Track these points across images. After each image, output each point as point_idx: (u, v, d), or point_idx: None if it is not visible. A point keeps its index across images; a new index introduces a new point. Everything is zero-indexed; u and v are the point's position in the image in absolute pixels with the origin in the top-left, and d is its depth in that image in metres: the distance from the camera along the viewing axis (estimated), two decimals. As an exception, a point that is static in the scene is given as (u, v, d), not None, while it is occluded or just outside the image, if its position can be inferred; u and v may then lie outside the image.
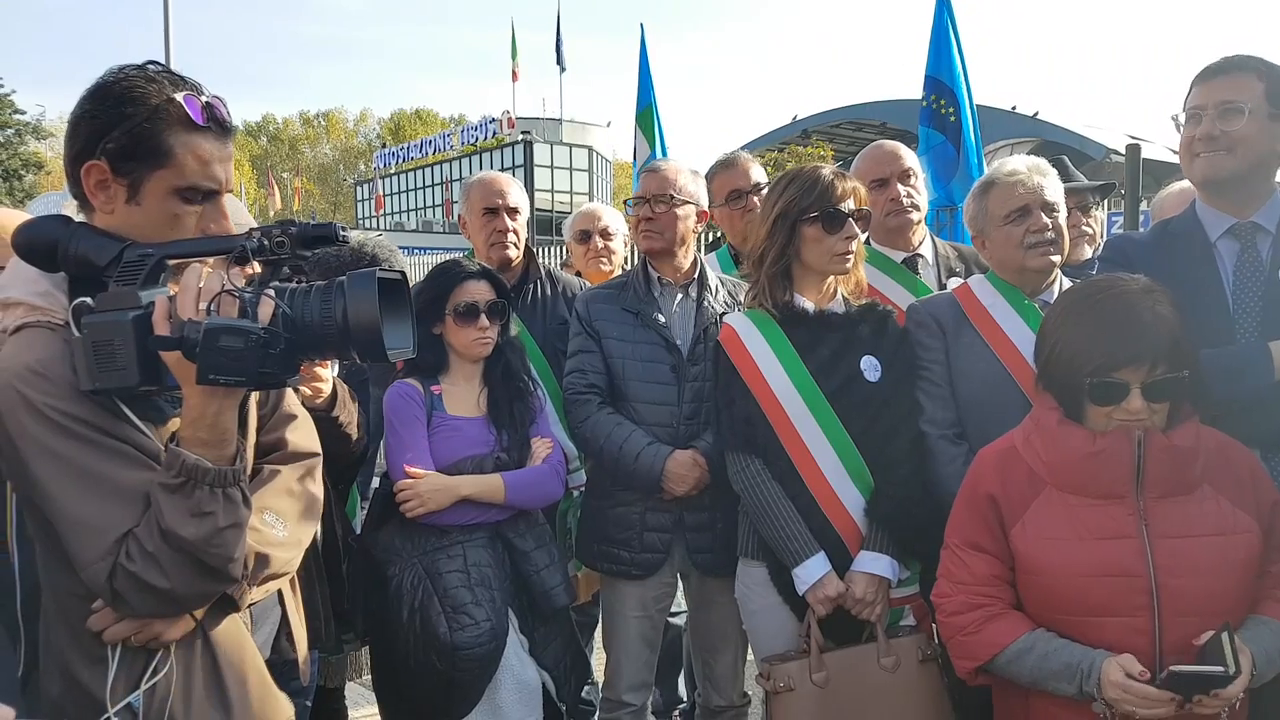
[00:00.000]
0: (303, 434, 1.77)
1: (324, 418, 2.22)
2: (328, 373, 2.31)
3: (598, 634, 3.18)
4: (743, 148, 4.19)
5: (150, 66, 1.51)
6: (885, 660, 2.34)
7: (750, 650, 2.78)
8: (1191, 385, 1.86)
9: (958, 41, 4.96)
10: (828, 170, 2.52)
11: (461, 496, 2.53)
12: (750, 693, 2.95)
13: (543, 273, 3.35)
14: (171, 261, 1.45)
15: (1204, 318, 2.06)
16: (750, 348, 2.50)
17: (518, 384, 2.76)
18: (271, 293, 1.35)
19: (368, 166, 67.47)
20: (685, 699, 3.77)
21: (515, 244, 3.25)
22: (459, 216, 3.43)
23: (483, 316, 2.67)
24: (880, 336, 2.52)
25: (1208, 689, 1.71)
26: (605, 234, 3.89)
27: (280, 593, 1.88)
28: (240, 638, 1.62)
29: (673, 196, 2.89)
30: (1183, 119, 2.32)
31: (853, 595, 2.36)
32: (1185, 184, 2.75)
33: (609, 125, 54.28)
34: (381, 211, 54.60)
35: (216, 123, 1.51)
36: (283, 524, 1.65)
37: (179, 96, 1.47)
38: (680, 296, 2.90)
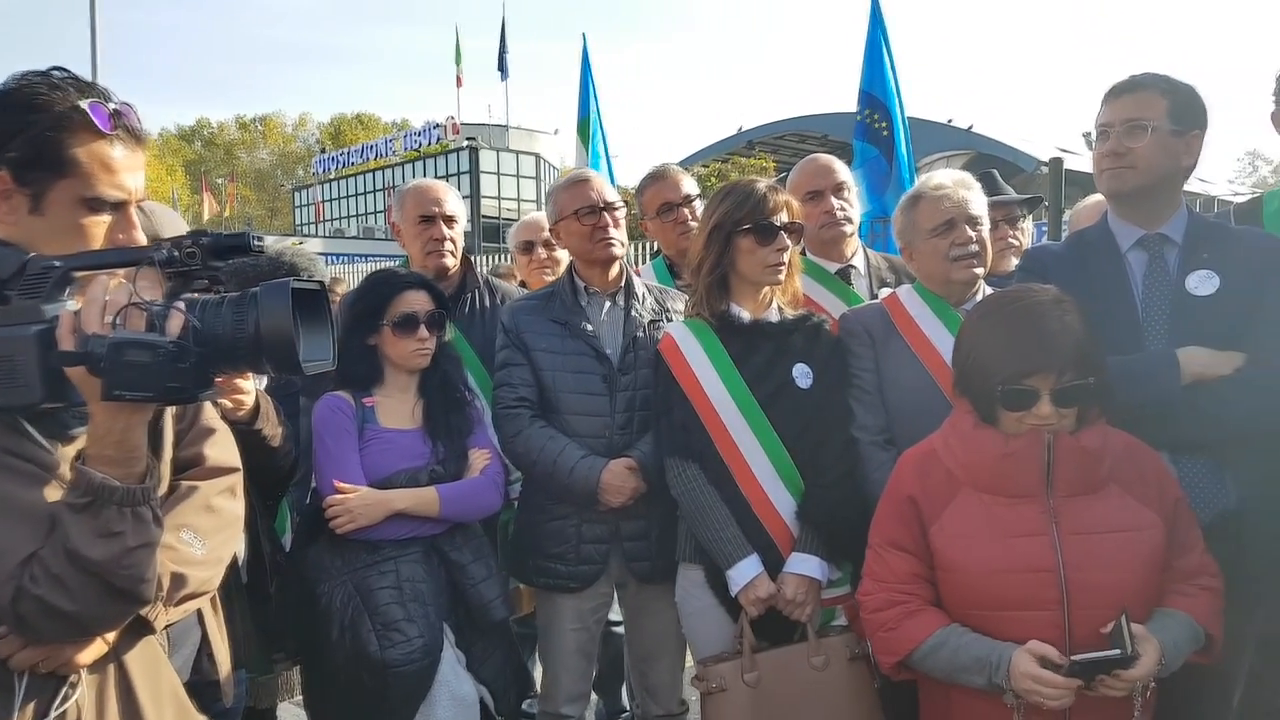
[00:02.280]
0: (222, 448, 1.73)
1: (246, 431, 2.18)
2: (249, 385, 2.27)
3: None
4: (689, 158, 4.25)
5: (55, 73, 1.46)
6: (816, 659, 2.39)
7: (688, 657, 2.80)
8: (1098, 391, 1.94)
9: (890, 57, 5.08)
10: (762, 184, 2.58)
11: (394, 511, 2.50)
12: (688, 700, 2.97)
13: (481, 281, 3.33)
14: (77, 274, 1.41)
15: (1115, 326, 2.15)
16: (688, 356, 2.55)
17: (454, 395, 2.74)
18: (181, 305, 1.32)
19: (307, 172, 66.42)
20: (628, 708, 3.77)
21: (452, 252, 3.23)
22: (393, 224, 3.39)
23: (422, 327, 2.65)
24: (813, 345, 2.59)
25: (1108, 672, 1.79)
26: (548, 244, 3.85)
27: (200, 612, 1.83)
28: (156, 661, 1.58)
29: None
30: (1094, 135, 2.40)
31: (784, 596, 2.41)
32: (1100, 197, 2.84)
33: (556, 132, 54.21)
34: (321, 218, 53.77)
35: (125, 130, 1.47)
36: (201, 542, 1.61)
37: (84, 104, 1.43)
38: (608, 305, 2.89)
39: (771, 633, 2.44)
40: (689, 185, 3.50)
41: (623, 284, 2.92)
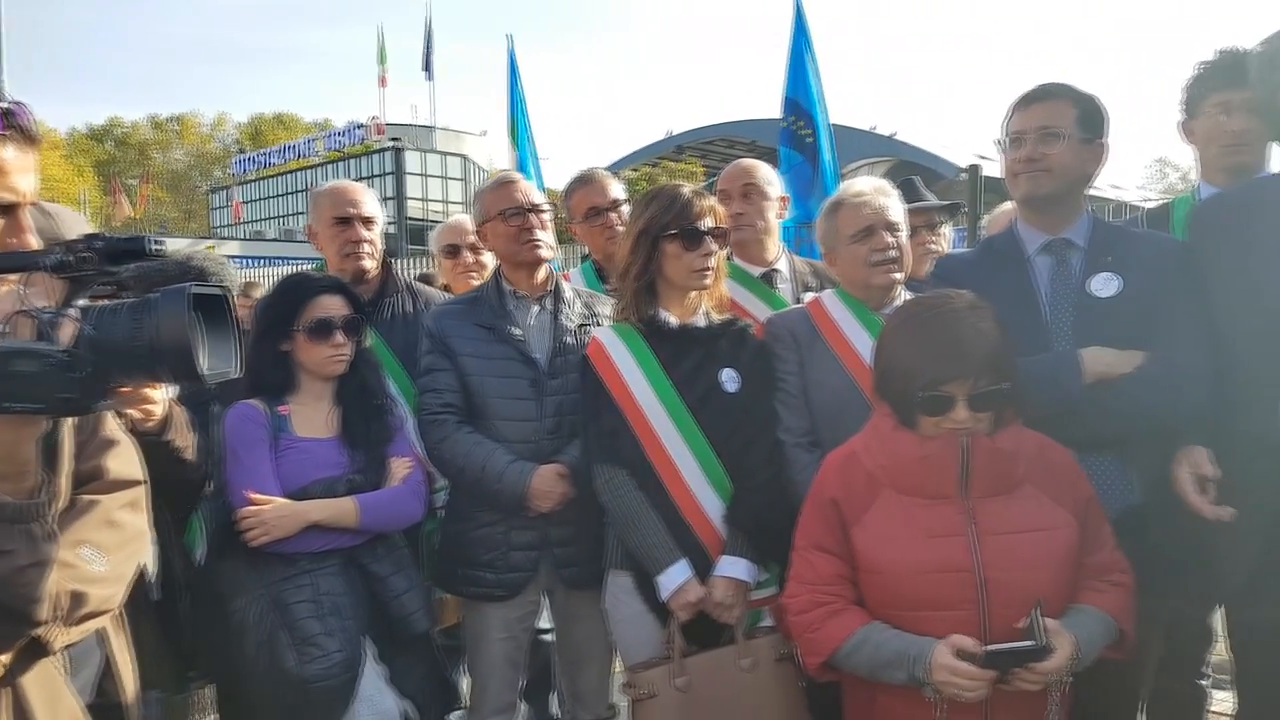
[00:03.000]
0: (123, 460, 1.65)
1: (156, 442, 2.09)
2: (159, 394, 2.18)
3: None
4: (618, 161, 4.25)
5: None
6: (743, 661, 2.40)
7: (617, 663, 2.79)
8: (1012, 394, 1.99)
9: (814, 65, 5.15)
10: (687, 189, 2.59)
11: (310, 522, 2.43)
12: (616, 704, 2.95)
13: (402, 285, 3.26)
14: (-38, 281, 1.33)
15: (1022, 328, 2.20)
16: (616, 361, 2.54)
17: (373, 402, 2.68)
18: (74, 312, 1.25)
19: (224, 173, 64.62)
20: (557, 717, 3.73)
21: (371, 255, 3.16)
22: (307, 227, 3.30)
23: (337, 333, 2.58)
24: (739, 349, 2.60)
25: (1024, 663, 1.84)
26: (475, 248, 3.78)
27: (103, 632, 1.74)
28: (54, 683, 1.50)
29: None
30: (1006, 142, 2.47)
31: (713, 599, 2.41)
32: (1010, 204, 2.93)
33: (484, 134, 53.76)
34: (239, 220, 52.35)
35: (17, 130, 1.40)
36: (102, 558, 1.53)
37: None
38: (536, 309, 2.86)
39: (699, 636, 2.45)
40: (616, 190, 3.49)
41: (550, 288, 2.89)
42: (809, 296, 2.88)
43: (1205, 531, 2.31)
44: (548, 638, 3.45)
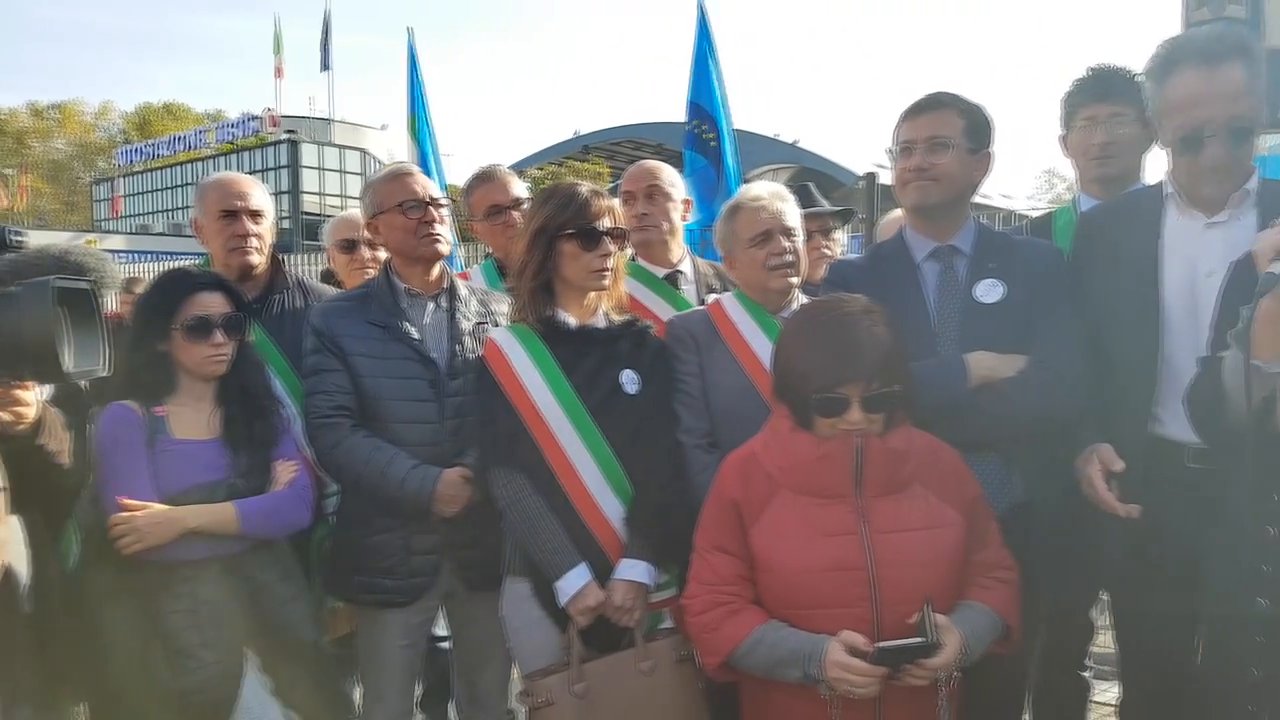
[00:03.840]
0: None
1: (27, 446, 1.96)
2: (31, 395, 2.04)
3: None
4: (524, 160, 4.20)
5: None
6: (643, 664, 2.38)
7: (515, 670, 2.74)
8: (904, 395, 2.04)
9: (717, 69, 5.20)
10: (585, 188, 2.56)
11: (187, 529, 2.31)
12: (514, 711, 2.91)
13: (291, 281, 3.13)
14: None
15: (910, 332, 2.25)
16: (513, 362, 2.48)
17: (257, 403, 2.57)
18: None
19: (109, 164, 61.64)
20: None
21: (258, 249, 3.02)
22: (193, 220, 3.14)
23: (217, 332, 2.47)
24: (639, 350, 2.59)
25: (913, 659, 1.88)
26: (372, 243, 3.64)
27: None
28: None
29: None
30: (896, 151, 2.52)
31: (613, 603, 2.39)
32: (900, 211, 3.01)
33: (384, 128, 52.51)
34: (120, 213, 50.01)
35: None
36: None
37: None
38: (431, 307, 2.78)
39: (599, 641, 2.42)
40: (518, 187, 3.44)
41: (445, 285, 2.82)
42: (712, 298, 2.89)
43: (1086, 527, 2.42)
44: (444, 645, 3.39)
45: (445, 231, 2.80)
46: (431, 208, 2.75)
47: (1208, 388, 1.93)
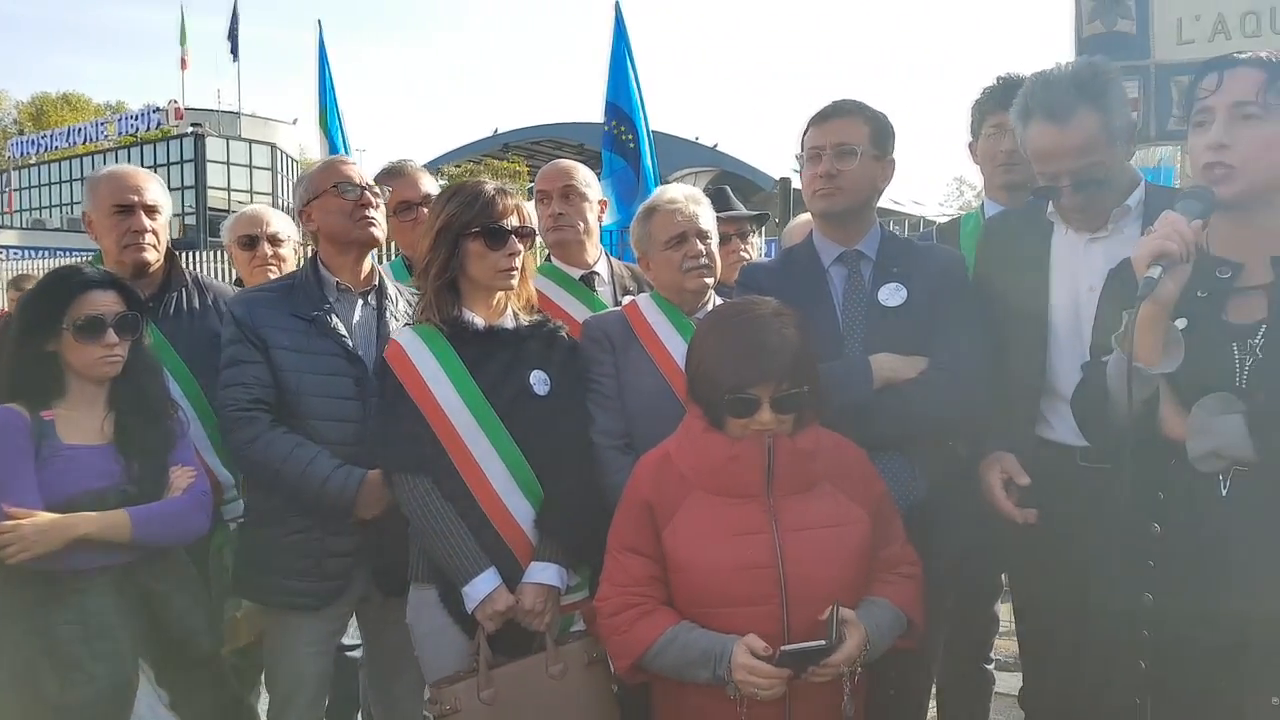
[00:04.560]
0: None
1: None
2: None
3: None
4: (441, 157, 4.13)
5: None
6: (553, 668, 2.36)
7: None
8: (812, 396, 2.08)
9: (634, 70, 5.21)
10: (490, 186, 2.53)
11: (76, 537, 2.20)
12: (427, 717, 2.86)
13: (189, 279, 3.02)
14: None
15: (819, 335, 2.29)
16: (418, 364, 2.43)
17: (152, 406, 2.47)
18: None
19: (1, 156, 58.51)
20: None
21: (154, 245, 2.90)
22: (84, 215, 3.00)
23: (109, 332, 2.36)
24: (550, 351, 2.56)
25: (816, 661, 1.91)
26: (274, 240, 3.57)
27: None
28: None
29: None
30: (804, 158, 2.56)
31: (522, 607, 2.36)
32: (808, 216, 3.07)
33: (295, 122, 51.10)
34: (12, 208, 47.58)
35: None
36: None
37: None
38: (360, 304, 2.74)
39: (509, 645, 2.39)
40: (428, 184, 3.39)
41: (375, 283, 2.78)
42: (628, 300, 2.89)
43: (987, 524, 2.50)
44: (353, 655, 3.32)
45: (380, 219, 2.76)
46: (367, 192, 2.73)
47: (1092, 391, 2.01)
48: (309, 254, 2.89)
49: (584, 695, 2.37)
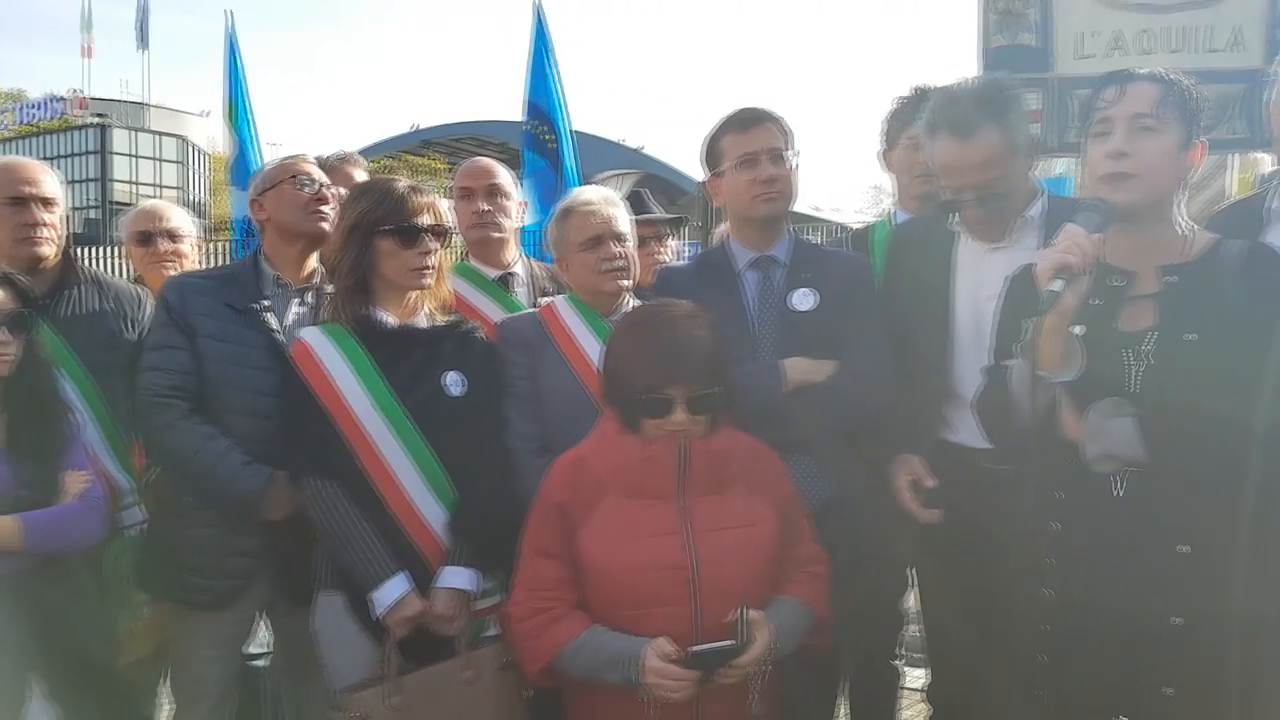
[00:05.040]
0: None
1: None
2: None
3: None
4: (358, 152, 4.02)
5: None
6: (465, 674, 2.33)
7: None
8: (726, 398, 2.10)
9: (555, 70, 5.19)
10: (403, 183, 2.51)
11: (-38, 544, 2.10)
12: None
13: (86, 276, 2.89)
14: None
15: (732, 338, 2.32)
16: (326, 364, 2.39)
17: (44, 408, 2.38)
18: None
19: (-111, 144, 55.27)
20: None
21: (50, 240, 2.78)
22: (-26, 209, 2.86)
23: (1, 329, 2.26)
24: (465, 352, 2.54)
25: (725, 662, 1.94)
26: (172, 235, 3.45)
27: None
28: None
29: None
30: (734, 164, 2.57)
31: (433, 612, 2.33)
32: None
33: (206, 114, 49.40)
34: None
35: None
36: None
37: None
38: (296, 303, 2.69)
39: (421, 652, 2.35)
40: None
41: (315, 282, 2.73)
42: (544, 301, 2.88)
43: (894, 523, 2.57)
44: (259, 664, 3.22)
45: (333, 216, 2.72)
46: (325, 189, 2.74)
47: (995, 396, 2.08)
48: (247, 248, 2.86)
49: (496, 700, 2.35)
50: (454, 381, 2.47)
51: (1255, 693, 1.81)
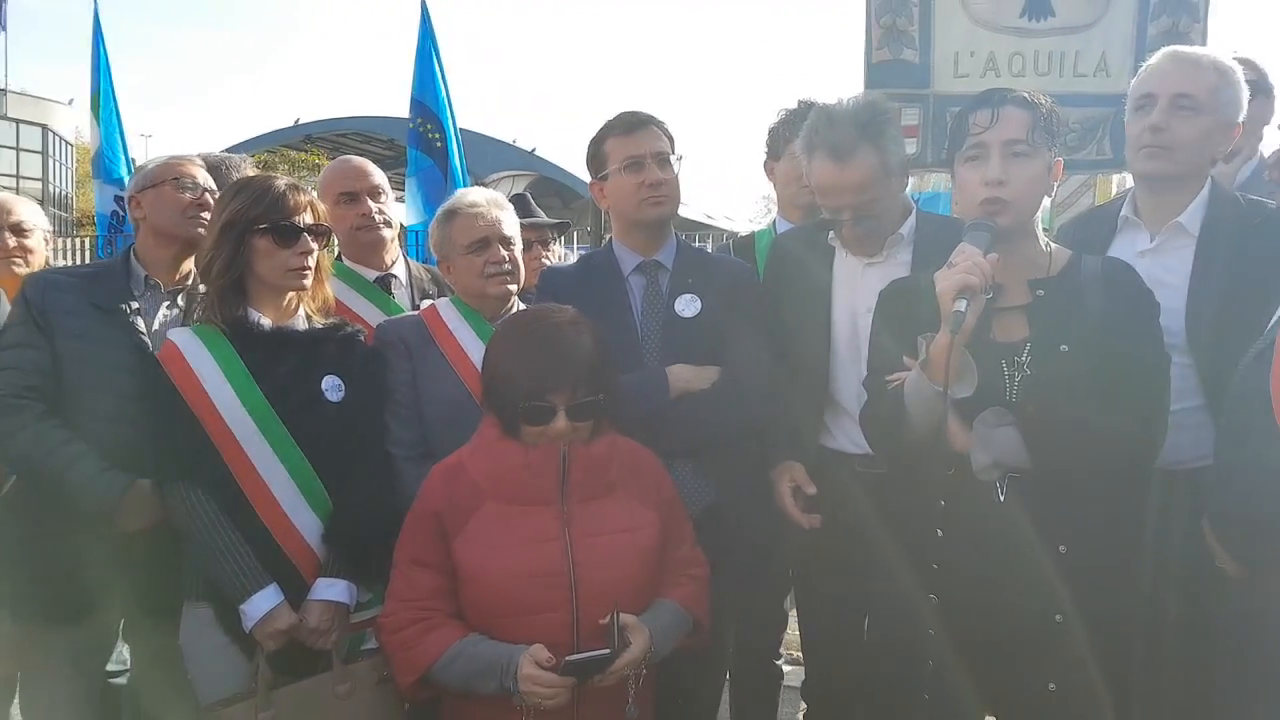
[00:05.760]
0: None
1: None
2: None
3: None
4: (237, 145, 3.87)
5: None
6: (340, 688, 2.27)
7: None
8: (609, 404, 2.10)
9: (441, 67, 5.10)
10: (281, 182, 2.43)
11: None
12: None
13: None
14: None
15: (618, 344, 2.33)
16: (196, 367, 2.29)
17: None
18: None
19: None
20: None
21: None
22: None
23: None
24: (345, 356, 2.47)
25: (601, 669, 1.94)
26: (17, 230, 3.28)
27: None
28: None
29: None
30: (620, 167, 2.58)
31: (307, 625, 2.26)
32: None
33: (71, 102, 46.59)
34: None
35: None
36: None
37: None
38: (166, 304, 2.59)
39: (295, 666, 2.27)
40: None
41: (189, 283, 2.62)
42: (427, 304, 2.83)
43: (773, 525, 2.62)
44: (119, 681, 3.06)
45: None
46: (207, 194, 2.67)
47: (882, 409, 2.13)
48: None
49: (373, 714, 2.29)
50: (332, 386, 2.40)
51: (1129, 684, 1.93)
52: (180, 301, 2.61)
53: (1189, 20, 3.31)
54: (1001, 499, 1.94)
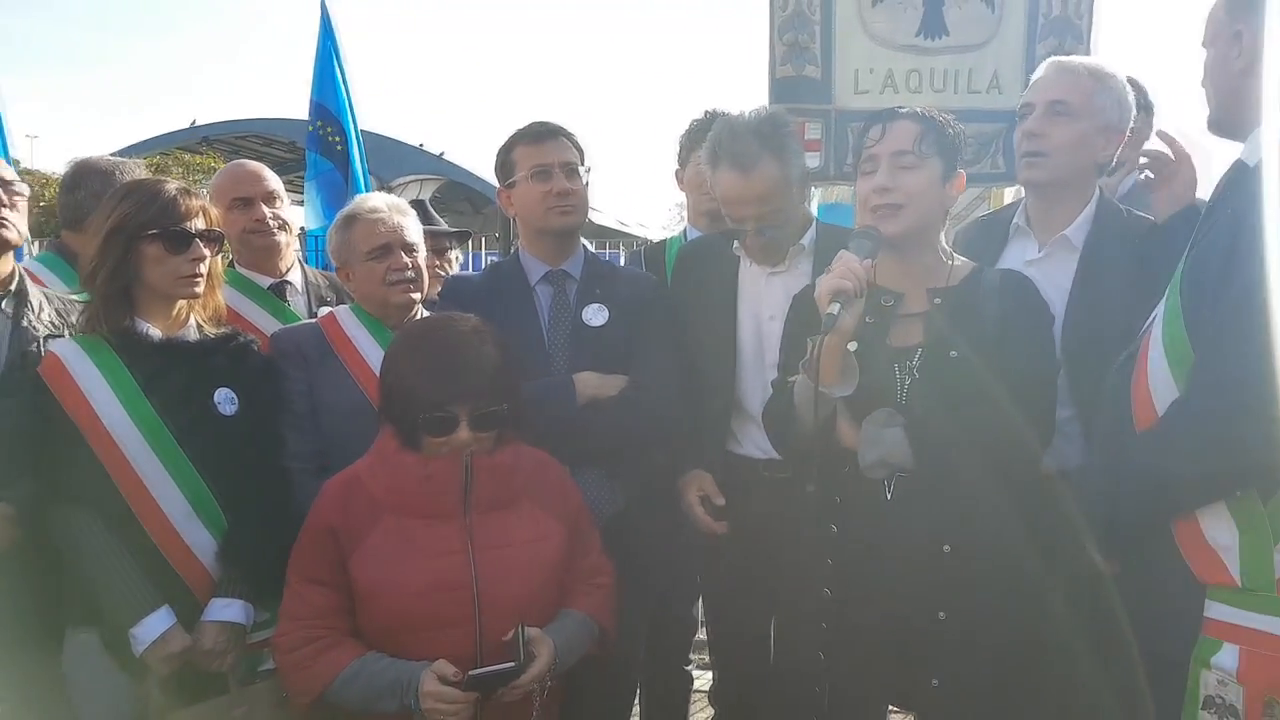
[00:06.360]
0: None
1: None
2: None
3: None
4: (131, 147, 3.69)
5: None
6: (237, 711, 2.20)
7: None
8: (512, 414, 2.08)
9: (342, 70, 4.98)
10: (172, 185, 2.35)
11: None
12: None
13: None
14: None
15: (525, 352, 2.33)
16: (80, 380, 2.19)
17: None
18: None
19: None
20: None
21: None
22: None
23: None
24: (239, 367, 2.39)
25: (505, 683, 1.92)
26: None
27: None
28: None
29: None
30: (523, 174, 2.58)
31: (201, 647, 2.18)
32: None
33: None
34: None
35: None
36: None
37: None
38: None
39: (189, 690, 2.19)
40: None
41: (13, 287, 2.45)
42: (325, 311, 2.76)
43: (681, 531, 2.64)
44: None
45: (17, 220, 2.45)
46: (1, 190, 2.43)
47: (779, 409, 2.20)
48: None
49: (273, 737, 2.21)
50: (226, 399, 2.32)
51: (1008, 680, 2.00)
52: (7, 307, 2.43)
53: (1073, 41, 3.47)
54: (889, 497, 2.01)
